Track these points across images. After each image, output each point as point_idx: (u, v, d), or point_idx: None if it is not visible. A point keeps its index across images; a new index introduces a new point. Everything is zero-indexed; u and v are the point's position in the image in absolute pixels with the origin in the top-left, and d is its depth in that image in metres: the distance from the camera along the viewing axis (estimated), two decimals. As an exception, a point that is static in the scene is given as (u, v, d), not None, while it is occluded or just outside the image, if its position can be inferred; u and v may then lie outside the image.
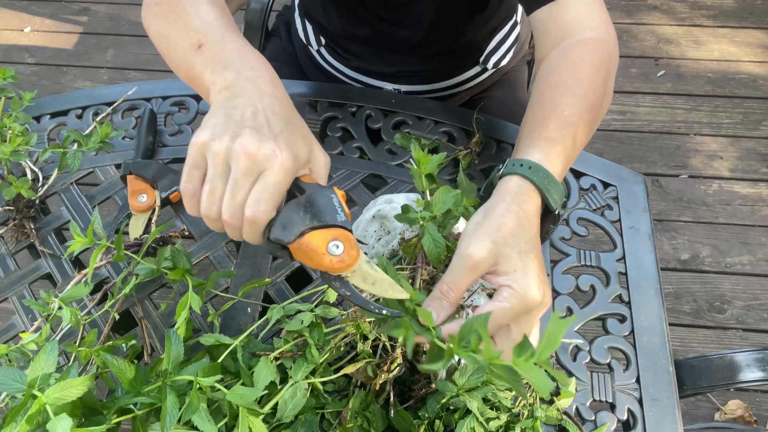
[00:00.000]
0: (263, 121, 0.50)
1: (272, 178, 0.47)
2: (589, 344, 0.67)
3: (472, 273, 0.49)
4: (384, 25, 0.90)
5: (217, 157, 0.48)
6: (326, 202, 0.49)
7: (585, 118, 0.61)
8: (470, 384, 0.57)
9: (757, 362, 0.72)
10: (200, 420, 0.48)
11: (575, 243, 0.74)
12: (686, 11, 2.20)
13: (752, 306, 1.57)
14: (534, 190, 0.55)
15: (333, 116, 0.86)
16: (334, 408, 0.58)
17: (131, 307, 0.71)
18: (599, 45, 0.66)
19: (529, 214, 0.53)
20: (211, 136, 0.48)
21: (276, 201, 0.48)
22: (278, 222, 0.48)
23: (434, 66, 0.96)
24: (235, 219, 0.48)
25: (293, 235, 0.47)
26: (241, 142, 0.47)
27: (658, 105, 1.96)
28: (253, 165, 0.47)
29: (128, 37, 2.24)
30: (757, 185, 1.77)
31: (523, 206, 0.53)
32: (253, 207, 0.47)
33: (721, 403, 1.41)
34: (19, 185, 0.75)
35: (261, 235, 0.49)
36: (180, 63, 0.59)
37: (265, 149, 0.47)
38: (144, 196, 0.76)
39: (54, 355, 0.47)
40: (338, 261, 0.47)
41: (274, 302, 0.68)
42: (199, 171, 0.50)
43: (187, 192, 0.50)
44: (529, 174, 0.55)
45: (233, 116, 0.49)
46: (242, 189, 0.47)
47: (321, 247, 0.47)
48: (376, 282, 0.48)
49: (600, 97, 0.63)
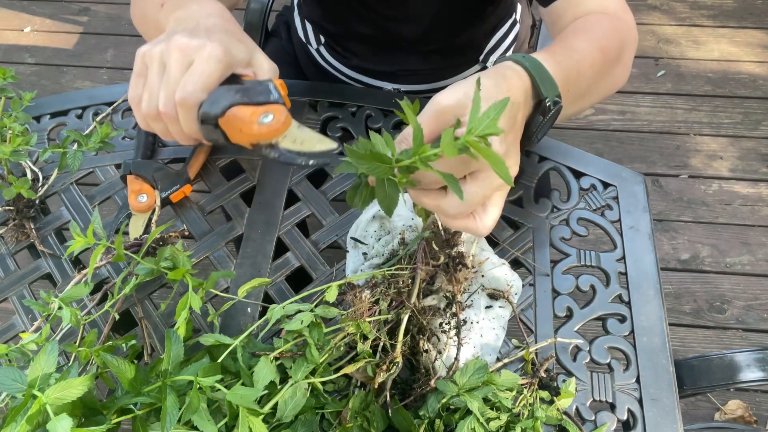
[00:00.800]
0: (201, 29, 0.53)
1: (200, 66, 0.50)
2: (589, 344, 0.67)
3: (436, 118, 0.48)
4: (383, 21, 0.90)
5: (153, 59, 0.51)
6: (260, 86, 0.51)
7: (594, 56, 0.59)
8: (470, 384, 0.57)
9: (757, 362, 0.72)
10: (200, 420, 0.48)
11: (575, 243, 0.74)
12: (686, 11, 2.20)
13: (752, 306, 1.57)
14: (523, 71, 0.53)
15: (333, 116, 0.86)
16: (334, 408, 0.58)
17: (131, 307, 0.71)
18: (616, 20, 0.65)
19: (512, 86, 0.51)
20: (152, 45, 0.52)
21: (205, 84, 0.50)
22: (208, 100, 0.50)
23: (434, 65, 0.96)
24: (169, 107, 0.51)
25: (220, 108, 0.49)
26: (175, 40, 0.50)
27: (658, 105, 1.96)
28: (183, 57, 0.50)
29: (128, 37, 2.24)
30: (757, 185, 1.77)
31: (507, 77, 0.51)
32: (181, 91, 0.50)
33: (721, 403, 1.41)
34: (19, 185, 0.75)
35: (195, 122, 0.51)
36: (151, 28, 0.63)
37: (194, 42, 0.50)
38: (144, 196, 0.76)
39: (54, 355, 0.47)
40: (267, 128, 0.49)
41: (274, 302, 0.68)
42: (142, 78, 0.53)
43: (133, 100, 0.54)
44: (521, 59, 0.53)
45: (175, 30, 0.53)
46: (174, 79, 0.50)
47: (251, 117, 0.49)
48: (304, 141, 0.50)
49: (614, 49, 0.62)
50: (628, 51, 0.66)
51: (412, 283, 0.61)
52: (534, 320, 0.68)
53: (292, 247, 0.74)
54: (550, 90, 0.53)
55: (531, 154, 0.81)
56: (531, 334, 0.67)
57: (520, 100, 0.51)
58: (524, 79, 0.52)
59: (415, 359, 0.62)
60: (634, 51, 0.67)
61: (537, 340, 0.67)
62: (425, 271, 0.61)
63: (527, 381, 0.62)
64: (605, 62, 0.62)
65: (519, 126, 0.51)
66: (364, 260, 0.69)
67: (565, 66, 0.56)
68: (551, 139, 0.83)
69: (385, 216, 0.70)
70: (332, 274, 0.72)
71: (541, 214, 0.76)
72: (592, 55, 0.60)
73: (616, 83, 0.67)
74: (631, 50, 0.67)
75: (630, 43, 0.67)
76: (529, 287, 0.70)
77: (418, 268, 0.61)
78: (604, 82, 0.63)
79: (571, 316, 0.69)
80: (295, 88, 0.91)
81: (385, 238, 0.70)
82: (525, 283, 0.70)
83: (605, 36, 0.62)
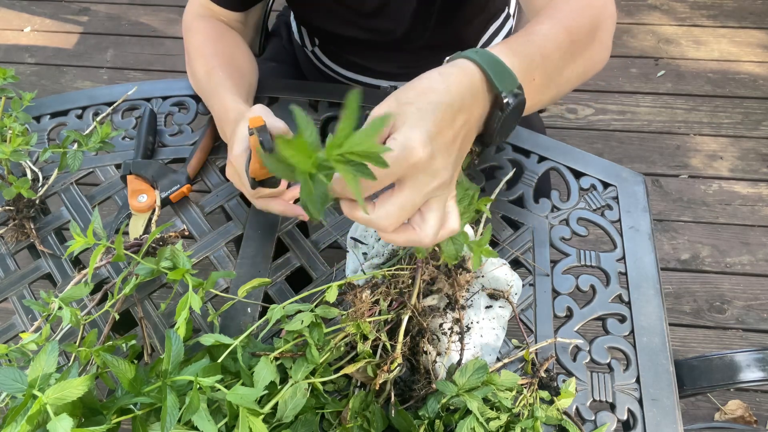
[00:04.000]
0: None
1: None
2: (589, 344, 0.67)
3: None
4: (365, 20, 0.89)
5: None
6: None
7: (560, 38, 0.56)
8: (470, 384, 0.57)
9: (757, 362, 0.72)
10: (200, 420, 0.48)
11: (575, 243, 0.74)
12: (686, 11, 2.20)
13: (752, 306, 1.57)
14: (472, 66, 0.49)
15: (333, 116, 0.86)
16: (334, 408, 0.58)
17: (131, 307, 0.71)
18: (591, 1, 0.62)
19: (450, 82, 0.47)
20: None
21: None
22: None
23: (427, 61, 0.95)
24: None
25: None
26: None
27: (658, 105, 1.96)
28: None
29: (128, 37, 2.24)
30: (757, 185, 1.77)
31: (447, 74, 0.48)
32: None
33: (721, 403, 1.41)
34: (19, 185, 0.75)
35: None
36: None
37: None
38: (144, 196, 0.76)
39: (54, 355, 0.47)
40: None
41: (274, 302, 0.68)
42: None
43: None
44: (472, 54, 0.50)
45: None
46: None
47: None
48: None
49: (584, 28, 0.59)
50: (604, 28, 0.62)
51: (412, 284, 0.61)
52: (534, 320, 0.68)
53: (292, 247, 0.74)
54: (506, 83, 0.50)
55: (531, 154, 0.81)
56: (531, 334, 0.67)
57: (458, 91, 0.47)
58: (472, 75, 0.49)
59: (415, 359, 0.62)
60: (611, 27, 0.64)
61: (537, 340, 0.67)
62: (426, 271, 0.61)
63: (527, 381, 0.62)
64: (574, 42, 0.58)
65: (464, 126, 0.47)
66: (364, 260, 0.69)
67: (524, 54, 0.53)
68: (551, 139, 0.83)
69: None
70: (332, 274, 0.72)
71: (541, 214, 0.76)
72: (558, 37, 0.56)
73: (593, 64, 0.63)
74: (607, 27, 0.63)
75: (605, 20, 0.63)
76: (529, 287, 0.70)
77: (419, 268, 0.61)
78: (578, 63, 0.60)
79: (571, 316, 0.69)
80: (295, 88, 0.91)
81: (385, 238, 0.70)
82: (525, 283, 0.70)
83: (572, 15, 0.59)
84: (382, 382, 0.57)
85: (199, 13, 0.88)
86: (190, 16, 0.88)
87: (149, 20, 2.27)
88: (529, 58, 0.53)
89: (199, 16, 0.87)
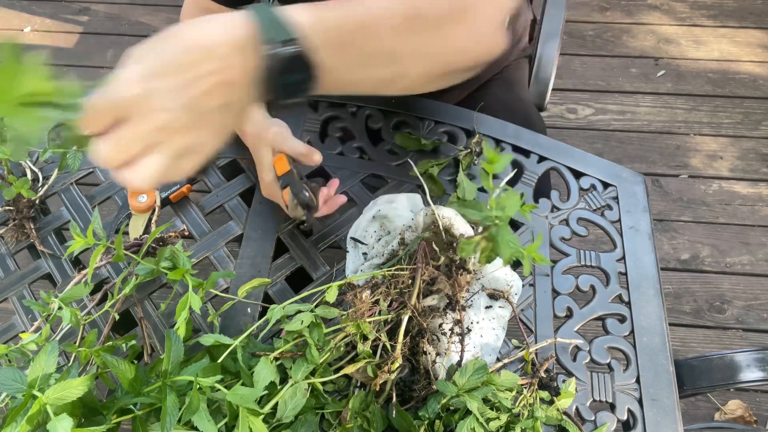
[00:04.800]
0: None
1: None
2: (589, 344, 0.67)
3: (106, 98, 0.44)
4: None
5: None
6: None
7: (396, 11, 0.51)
8: (470, 384, 0.57)
9: (757, 362, 0.72)
10: (200, 420, 0.48)
11: (575, 243, 0.74)
12: (686, 11, 2.20)
13: (752, 306, 1.57)
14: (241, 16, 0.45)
15: (333, 116, 0.86)
16: (334, 408, 0.58)
17: (131, 307, 0.71)
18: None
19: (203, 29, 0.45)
20: None
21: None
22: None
23: None
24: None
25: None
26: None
27: (658, 105, 1.96)
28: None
29: (128, 37, 2.24)
30: (757, 185, 1.77)
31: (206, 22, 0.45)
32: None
33: (721, 403, 1.41)
34: (19, 185, 0.75)
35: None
36: None
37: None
38: (144, 196, 0.76)
39: (54, 356, 0.47)
40: None
41: (274, 302, 0.68)
42: None
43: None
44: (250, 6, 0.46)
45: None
46: None
47: None
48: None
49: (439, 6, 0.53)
50: (477, 14, 0.56)
51: (412, 284, 0.61)
52: (534, 320, 0.68)
53: (292, 247, 0.74)
54: (275, 33, 0.45)
55: (531, 154, 0.81)
56: (531, 334, 0.67)
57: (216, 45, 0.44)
58: (236, 26, 0.45)
59: (415, 360, 0.62)
60: (495, 11, 0.57)
61: (537, 340, 0.67)
62: (426, 272, 0.61)
63: (527, 381, 0.62)
64: (417, 18, 0.52)
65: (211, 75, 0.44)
66: (364, 260, 0.69)
67: (334, 17, 0.49)
68: (551, 139, 0.83)
69: (385, 216, 0.70)
70: (332, 274, 0.72)
71: (541, 214, 0.76)
72: (393, 10, 0.51)
73: (456, 50, 0.57)
74: (483, 13, 0.57)
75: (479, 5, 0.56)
76: (529, 287, 0.70)
77: (419, 268, 0.61)
78: (425, 43, 0.54)
79: (571, 316, 0.69)
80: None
81: (385, 238, 0.70)
82: (525, 283, 0.70)
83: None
84: (382, 382, 0.57)
85: (194, 16, 0.87)
86: (186, 18, 0.88)
87: (149, 20, 2.27)
88: (340, 22, 0.49)
89: (195, 17, 0.86)
